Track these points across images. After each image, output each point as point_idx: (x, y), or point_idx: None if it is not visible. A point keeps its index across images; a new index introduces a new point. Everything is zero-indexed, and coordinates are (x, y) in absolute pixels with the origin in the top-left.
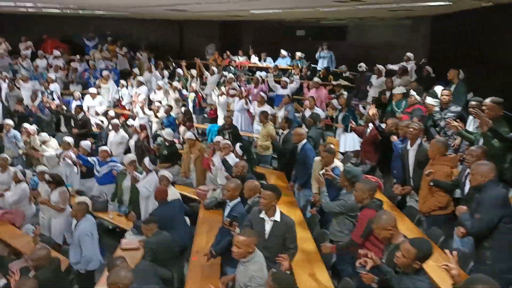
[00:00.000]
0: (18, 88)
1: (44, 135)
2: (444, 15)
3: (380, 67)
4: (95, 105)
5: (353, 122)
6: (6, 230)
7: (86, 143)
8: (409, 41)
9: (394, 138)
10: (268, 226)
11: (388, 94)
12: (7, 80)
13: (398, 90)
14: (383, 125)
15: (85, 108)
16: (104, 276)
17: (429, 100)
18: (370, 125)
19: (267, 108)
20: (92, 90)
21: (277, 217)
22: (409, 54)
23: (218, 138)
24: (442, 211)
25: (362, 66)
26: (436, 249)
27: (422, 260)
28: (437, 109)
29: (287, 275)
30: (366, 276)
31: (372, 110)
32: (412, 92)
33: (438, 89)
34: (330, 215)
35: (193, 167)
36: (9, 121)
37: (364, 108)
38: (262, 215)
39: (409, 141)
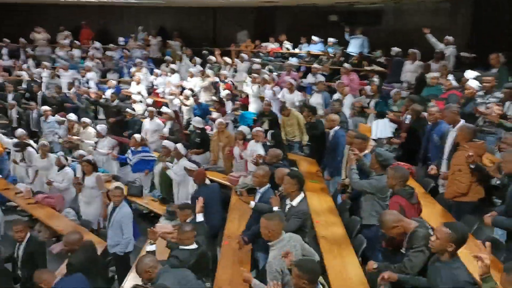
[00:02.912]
0: (58, 77)
1: (86, 119)
2: None
3: (415, 50)
4: (135, 92)
5: (389, 112)
6: (47, 213)
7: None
8: (448, 25)
9: None
10: (286, 209)
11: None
12: (47, 69)
13: (435, 75)
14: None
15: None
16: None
17: (472, 83)
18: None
19: (297, 95)
20: (138, 76)
21: (294, 202)
22: (449, 37)
23: (242, 127)
24: (465, 197)
25: (393, 50)
26: (470, 238)
27: (457, 243)
28: (480, 93)
29: (311, 261)
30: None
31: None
32: (449, 77)
33: (469, 74)
34: (361, 197)
35: (221, 154)
36: (48, 108)
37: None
38: (287, 198)
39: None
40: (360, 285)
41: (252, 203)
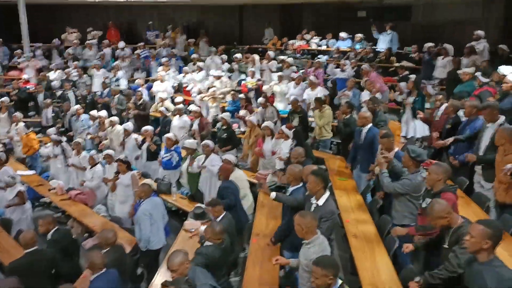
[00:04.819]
0: (88, 75)
1: (114, 118)
2: None
3: (448, 46)
4: (160, 90)
5: (420, 112)
6: (80, 209)
7: (149, 128)
8: (481, 18)
9: None
10: (312, 208)
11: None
12: (76, 68)
13: (467, 70)
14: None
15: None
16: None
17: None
18: (441, 108)
19: (319, 91)
20: (161, 75)
21: (320, 201)
22: (479, 32)
23: (267, 123)
24: None
25: (425, 46)
26: (508, 237)
27: (493, 240)
28: None
29: (329, 257)
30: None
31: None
32: (477, 73)
33: (506, 69)
34: (393, 197)
35: (250, 151)
36: (79, 106)
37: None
38: (312, 197)
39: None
40: (393, 285)
41: (273, 194)
